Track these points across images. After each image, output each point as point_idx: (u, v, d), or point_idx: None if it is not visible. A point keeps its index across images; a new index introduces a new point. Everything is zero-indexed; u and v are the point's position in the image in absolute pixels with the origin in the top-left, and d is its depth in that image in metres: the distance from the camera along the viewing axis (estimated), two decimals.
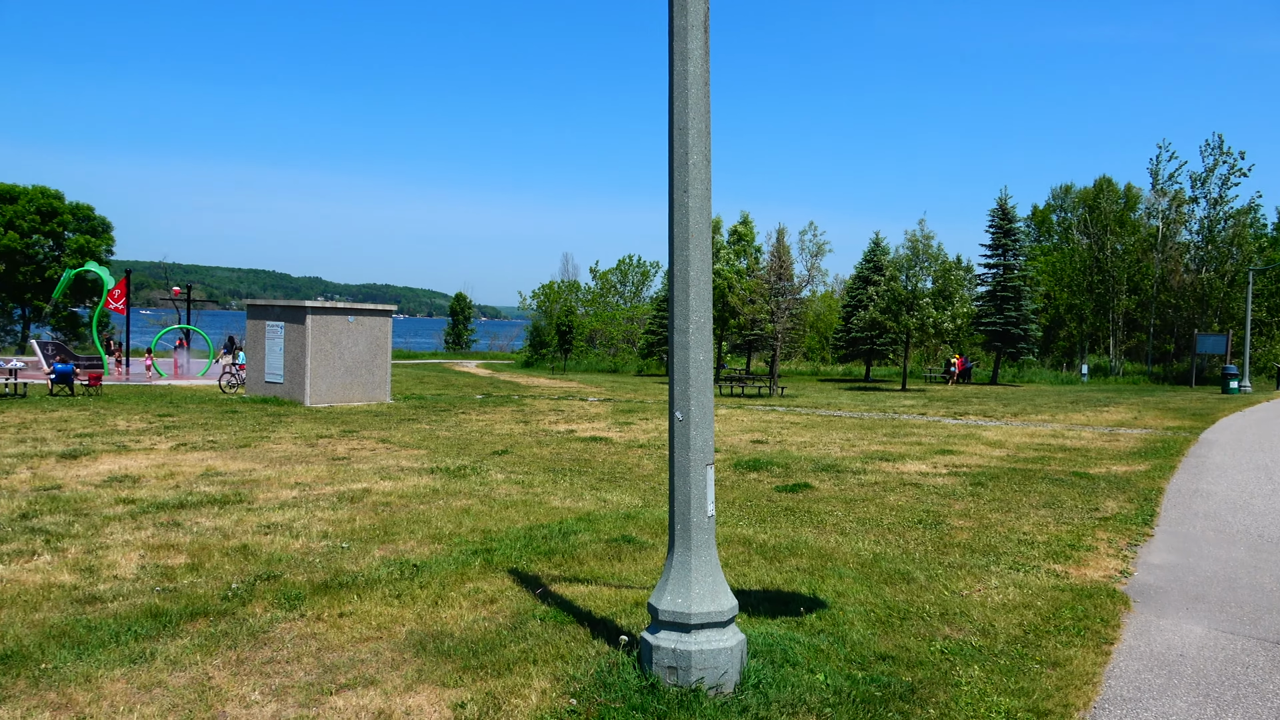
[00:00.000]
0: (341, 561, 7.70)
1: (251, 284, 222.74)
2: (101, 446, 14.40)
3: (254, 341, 25.52)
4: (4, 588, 6.74)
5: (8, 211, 45.23)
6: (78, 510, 9.56)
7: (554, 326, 55.91)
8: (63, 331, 46.55)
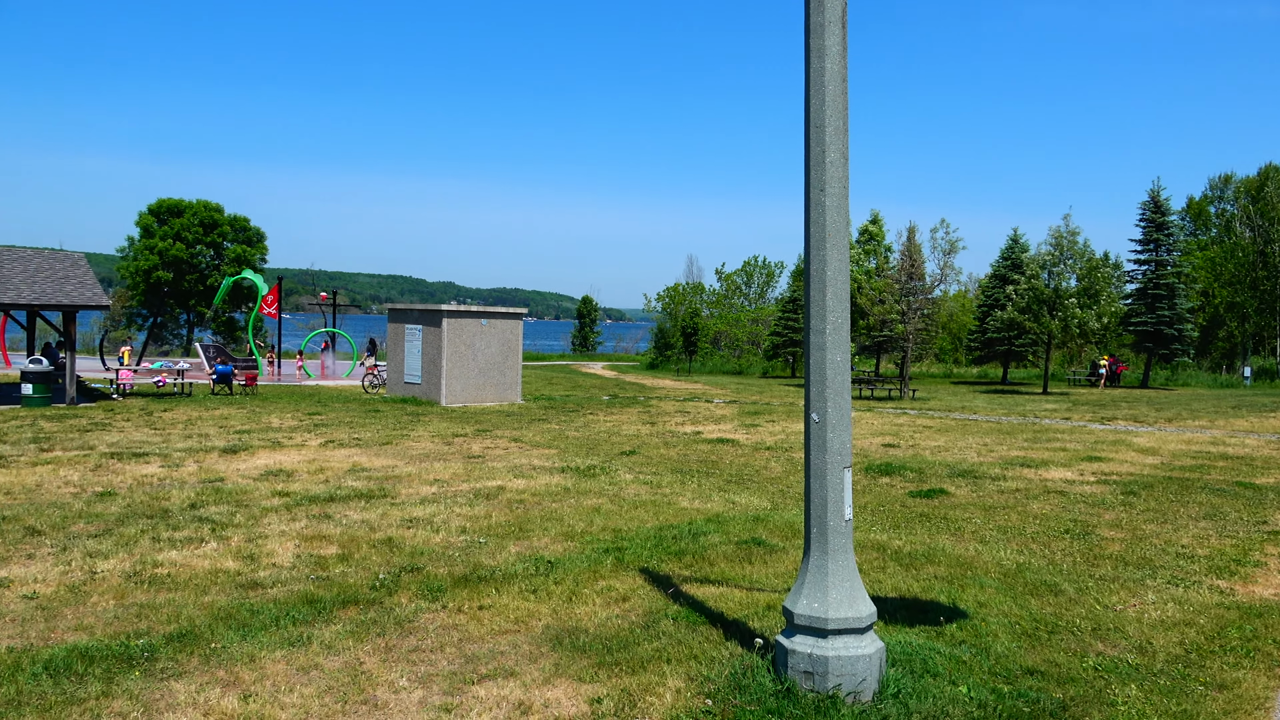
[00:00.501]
0: (479, 556, 7.95)
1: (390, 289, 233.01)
2: (258, 442, 15.35)
3: (394, 344, 26.68)
4: (177, 571, 7.28)
5: (175, 224, 48.93)
6: (239, 501, 10.23)
7: (678, 328, 56.12)
8: (221, 335, 49.96)
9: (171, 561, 7.56)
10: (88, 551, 7.82)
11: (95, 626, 5.92)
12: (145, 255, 48.19)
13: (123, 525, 8.89)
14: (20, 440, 14.78)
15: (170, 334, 51.37)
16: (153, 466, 12.62)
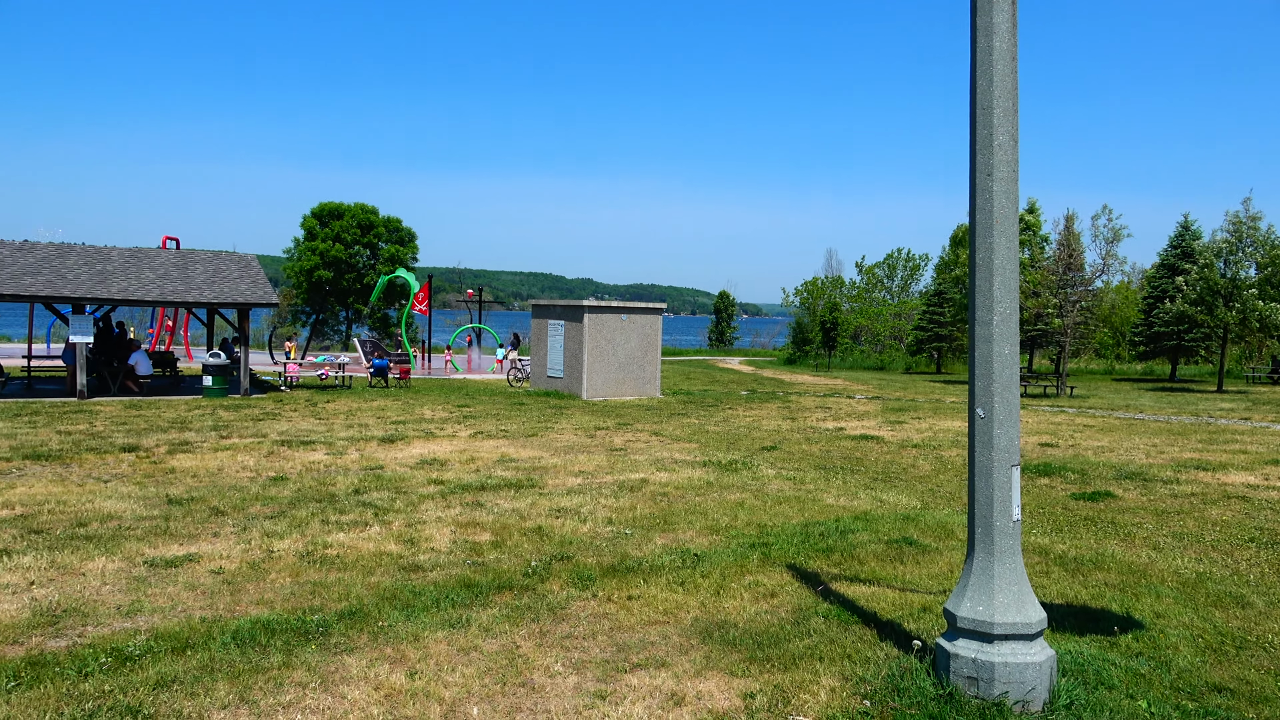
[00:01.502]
0: (626, 547, 8.04)
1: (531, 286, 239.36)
2: (413, 433, 16.05)
3: (537, 339, 27.37)
4: (345, 552, 7.69)
5: (335, 226, 51.83)
6: (398, 488, 10.72)
7: (817, 323, 55.12)
8: (377, 330, 52.60)
9: (339, 543, 8.00)
10: (265, 532, 8.38)
11: (274, 601, 6.33)
12: (308, 256, 51.27)
13: (295, 508, 9.47)
14: (203, 428, 16.00)
15: (331, 330, 54.47)
16: (319, 454, 13.40)
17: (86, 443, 13.83)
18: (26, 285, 20.67)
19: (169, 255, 25.41)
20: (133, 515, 9.01)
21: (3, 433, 14.70)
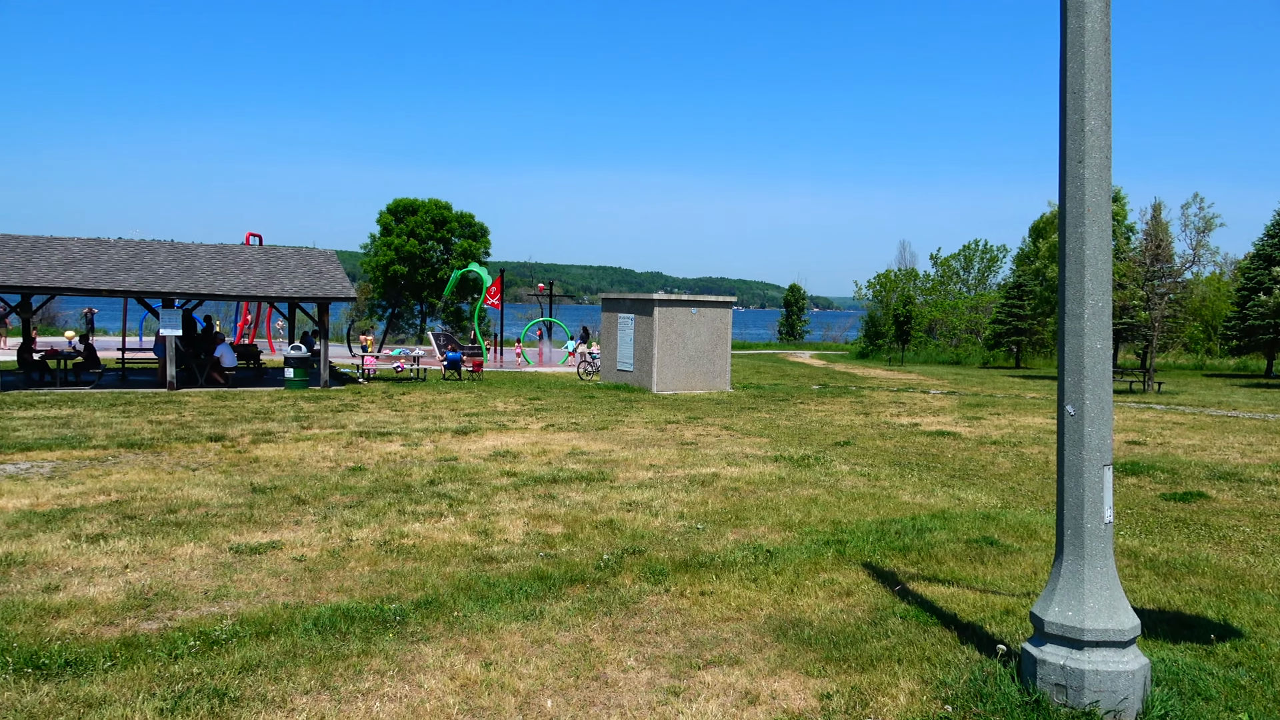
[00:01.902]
0: (698, 542, 7.99)
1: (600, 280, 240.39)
2: (486, 425, 16.26)
3: (607, 332, 27.46)
4: (420, 542, 7.81)
5: (410, 222, 52.88)
6: (471, 480, 10.86)
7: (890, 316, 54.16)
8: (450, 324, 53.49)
9: (415, 533, 8.13)
10: (344, 521, 8.56)
11: (354, 589, 6.45)
12: (384, 251, 52.39)
13: (372, 498, 9.67)
14: (285, 418, 16.46)
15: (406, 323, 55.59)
16: (395, 445, 13.66)
17: (176, 432, 14.35)
18: (120, 281, 21.54)
19: (253, 251, 26.20)
20: (219, 503, 9.30)
21: (99, 422, 15.34)
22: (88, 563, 7.05)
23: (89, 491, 9.71)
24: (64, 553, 7.31)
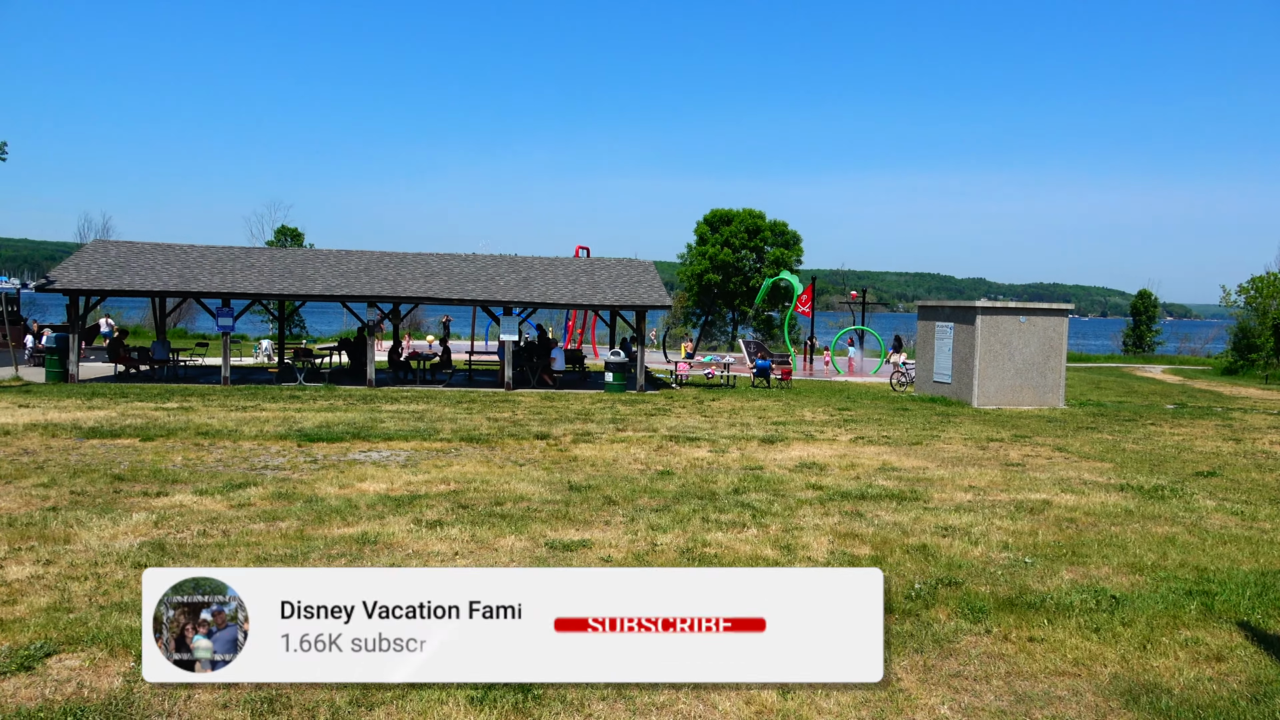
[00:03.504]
0: (1026, 578, 7.15)
1: (916, 287, 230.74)
2: (792, 434, 15.99)
3: (923, 342, 26.07)
4: (723, 552, 7.72)
5: (725, 232, 54.14)
6: (776, 491, 10.65)
7: (1269, 326, 46.29)
8: (760, 332, 53.91)
9: (718, 542, 8.06)
10: (650, 524, 8.71)
11: None
12: (699, 260, 54.03)
13: (678, 503, 9.78)
14: (603, 420, 17.33)
15: (718, 330, 56.88)
16: (703, 451, 13.83)
17: (509, 429, 15.61)
18: (469, 291, 24.01)
19: (580, 263, 28.07)
20: (539, 498, 9.89)
21: (447, 417, 17.11)
22: (425, 546, 7.75)
23: (432, 480, 10.76)
24: (407, 536, 8.10)
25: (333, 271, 24.43)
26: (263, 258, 26.01)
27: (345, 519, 8.66)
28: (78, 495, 9.47)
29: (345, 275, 24.24)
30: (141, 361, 24.93)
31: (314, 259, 25.73)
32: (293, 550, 7.48)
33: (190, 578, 3.97)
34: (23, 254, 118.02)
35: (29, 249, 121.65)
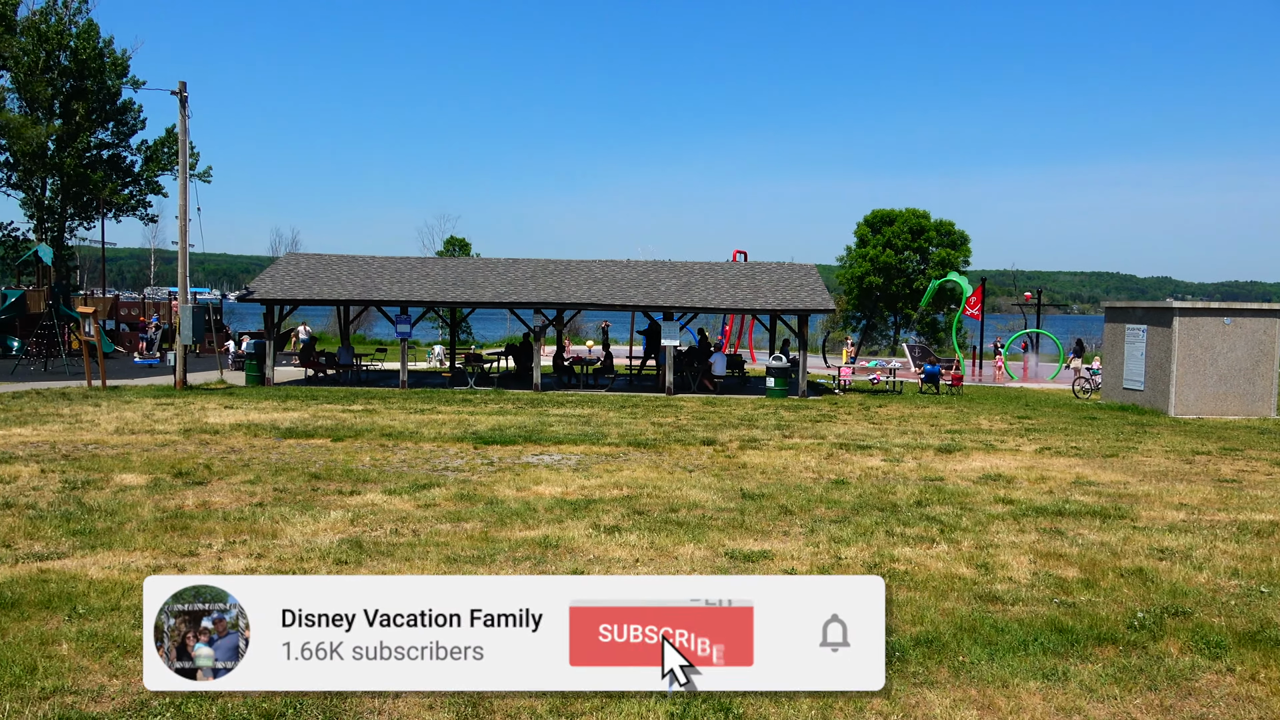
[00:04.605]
0: (1265, 609, 6.40)
1: (1093, 287, 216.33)
2: (970, 444, 15.17)
3: (1110, 345, 24.28)
4: (913, 569, 7.32)
5: (887, 233, 52.47)
6: (961, 504, 10.07)
7: None
8: (924, 335, 51.92)
9: (906, 558, 7.66)
10: (831, 537, 8.40)
11: None
12: (859, 263, 52.59)
13: (857, 515, 9.40)
14: (767, 426, 17.03)
15: (879, 334, 55.20)
16: (875, 459, 13.31)
17: (674, 434, 15.57)
18: (631, 296, 24.23)
19: (739, 267, 27.83)
20: (713, 506, 9.74)
21: (612, 421, 17.27)
22: (605, 552, 7.74)
23: (605, 485, 10.82)
24: (587, 540, 8.13)
25: (501, 279, 25.24)
26: (436, 267, 27.19)
27: (526, 522, 8.80)
28: (280, 492, 10.08)
29: (512, 283, 24.99)
30: (328, 366, 26.56)
31: (483, 267, 26.67)
32: (480, 552, 7.64)
33: (191, 586, 3.98)
34: (222, 267, 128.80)
35: (227, 263, 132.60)
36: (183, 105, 23.56)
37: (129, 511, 8.92)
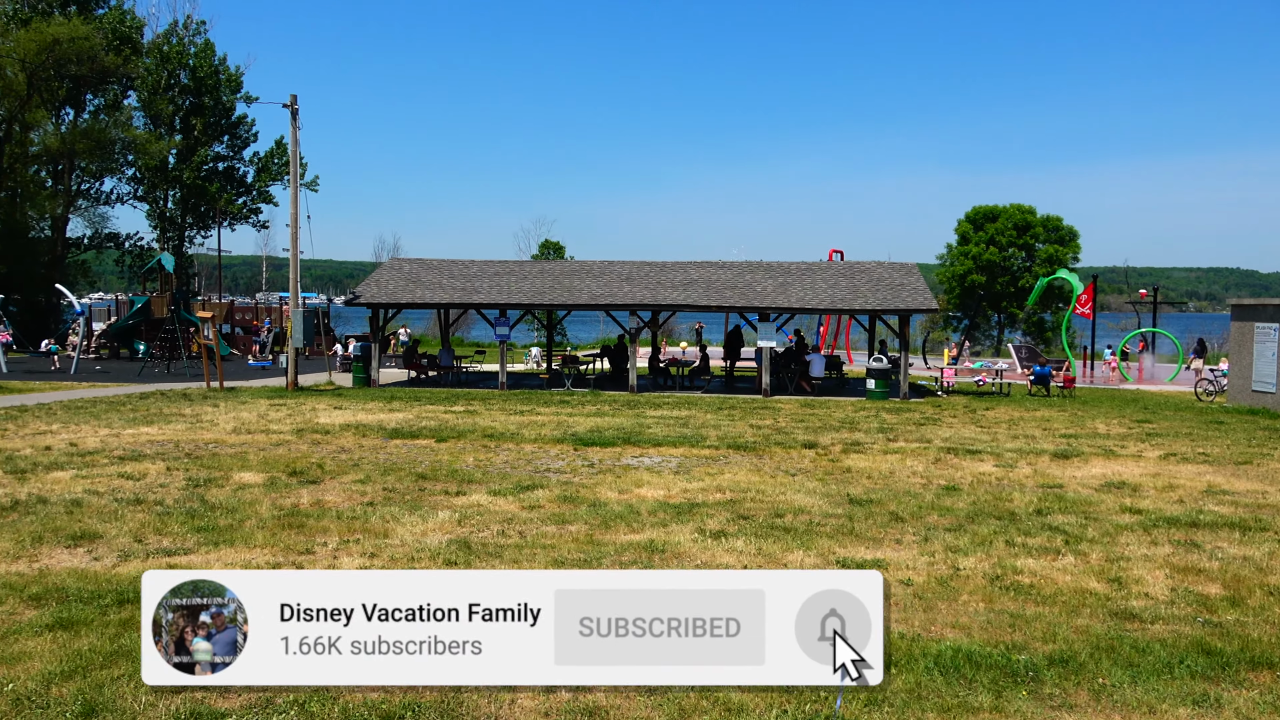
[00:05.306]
0: None
1: (1211, 283, 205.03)
2: (1087, 449, 14.47)
3: (1238, 345, 22.86)
4: (1039, 582, 6.96)
5: (990, 229, 50.74)
6: (1085, 513, 9.56)
7: None
8: (1031, 335, 50.01)
9: (1030, 570, 7.30)
10: (948, 546, 8.07)
11: (970, 627, 5.91)
12: (961, 261, 51.03)
13: (973, 523, 9.02)
14: (870, 429, 16.60)
15: (982, 334, 53.47)
16: (987, 465, 12.80)
17: (774, 437, 15.32)
18: (726, 298, 24.03)
19: (837, 267, 27.30)
20: (820, 511, 9.50)
21: (710, 423, 17.12)
22: (712, 557, 7.62)
23: (707, 489, 10.69)
24: (693, 545, 8.02)
25: (596, 282, 25.36)
26: (533, 270, 27.52)
27: (630, 525, 8.74)
28: (389, 492, 10.29)
29: (608, 285, 25.08)
30: (430, 368, 27.18)
31: (579, 270, 26.85)
32: (586, 555, 7.61)
33: (189, 580, 3.95)
34: (328, 273, 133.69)
35: (333, 269, 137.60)
36: (293, 117, 24.46)
37: (248, 509, 9.23)
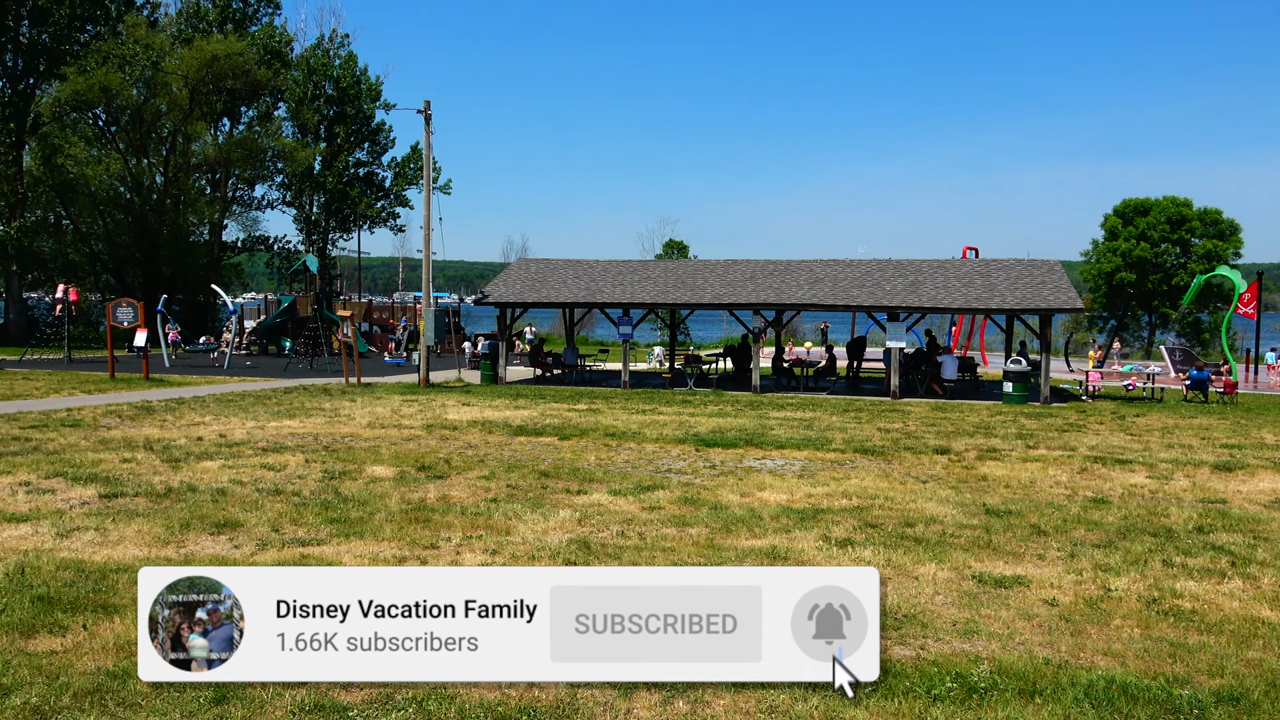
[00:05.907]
0: None
1: None
2: (1253, 461, 13.28)
3: None
4: (1202, 608, 6.35)
5: (1140, 224, 47.64)
6: (1254, 532, 8.73)
7: None
8: (1185, 337, 46.67)
9: (1191, 594, 6.67)
10: (1096, 564, 7.49)
11: (1125, 655, 5.42)
12: (1108, 257, 48.15)
13: (1125, 539, 8.36)
14: (1007, 435, 15.75)
15: (1131, 336, 50.29)
16: (1139, 476, 11.91)
17: (903, 441, 14.73)
18: (854, 297, 23.36)
19: (972, 264, 26.13)
20: (953, 521, 9.02)
21: (835, 426, 16.63)
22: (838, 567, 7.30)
23: (832, 494, 10.33)
24: (818, 553, 7.73)
25: (720, 281, 25.12)
26: (656, 270, 27.51)
27: (752, 530, 8.52)
28: (512, 489, 10.39)
29: (732, 284, 24.80)
30: (554, 366, 27.58)
31: (703, 269, 26.67)
32: (706, 560, 7.43)
33: (185, 577, 3.92)
34: (459, 273, 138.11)
35: (463, 269, 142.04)
36: (427, 123, 25.26)
37: (378, 502, 9.49)
